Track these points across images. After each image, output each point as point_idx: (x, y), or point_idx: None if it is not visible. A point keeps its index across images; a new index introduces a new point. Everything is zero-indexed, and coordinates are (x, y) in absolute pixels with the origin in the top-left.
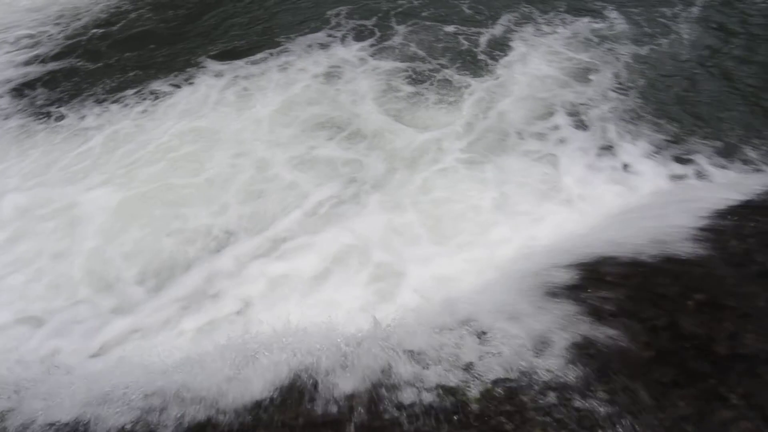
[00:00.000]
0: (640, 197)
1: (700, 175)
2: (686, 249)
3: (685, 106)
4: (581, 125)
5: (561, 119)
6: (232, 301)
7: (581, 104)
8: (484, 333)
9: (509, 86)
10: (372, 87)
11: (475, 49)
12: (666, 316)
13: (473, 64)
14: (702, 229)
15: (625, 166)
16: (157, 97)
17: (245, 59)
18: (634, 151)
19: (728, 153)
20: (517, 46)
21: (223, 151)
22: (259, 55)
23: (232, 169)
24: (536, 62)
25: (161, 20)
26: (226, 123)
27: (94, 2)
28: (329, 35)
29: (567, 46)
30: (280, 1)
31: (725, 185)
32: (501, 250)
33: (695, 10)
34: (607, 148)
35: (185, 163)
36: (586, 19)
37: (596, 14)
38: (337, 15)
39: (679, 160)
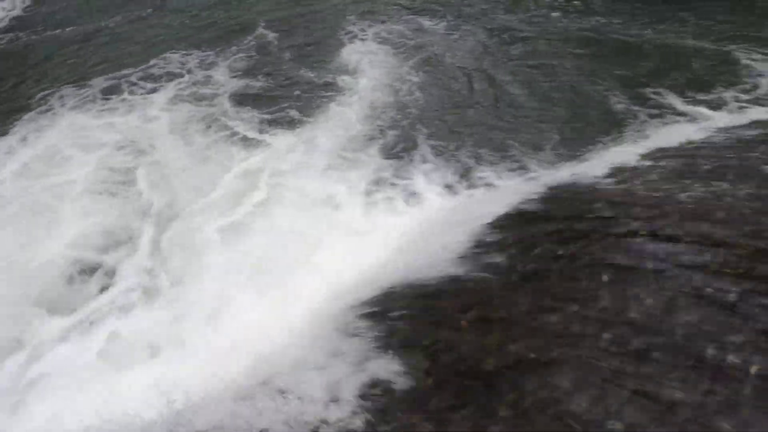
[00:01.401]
0: (426, 219)
1: (479, 187)
2: (460, 268)
3: (468, 117)
4: (366, 153)
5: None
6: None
7: (371, 130)
8: (281, 391)
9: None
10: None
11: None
12: (444, 339)
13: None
14: (473, 245)
15: (413, 189)
16: None
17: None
18: (420, 171)
19: (504, 162)
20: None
21: None
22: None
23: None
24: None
25: None
26: None
27: None
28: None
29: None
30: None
31: (495, 197)
32: (304, 294)
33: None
34: (397, 171)
35: None
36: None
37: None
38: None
39: (461, 174)
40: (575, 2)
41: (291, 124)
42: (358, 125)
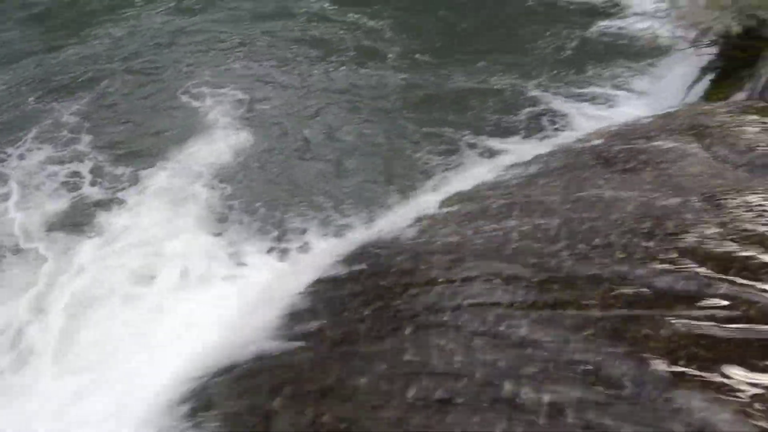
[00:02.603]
0: (247, 294)
1: (297, 253)
2: (275, 343)
3: (291, 175)
4: (193, 223)
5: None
6: None
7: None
8: None
9: None
10: None
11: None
12: (261, 423)
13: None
14: (287, 318)
15: (234, 262)
16: None
17: None
18: (242, 241)
19: (321, 224)
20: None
21: None
22: None
23: None
24: None
25: None
26: None
27: None
28: None
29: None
30: None
31: (309, 262)
32: (124, 401)
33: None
34: (220, 243)
35: None
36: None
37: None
38: None
39: (281, 241)
40: (400, 56)
41: (132, 184)
42: (191, 187)
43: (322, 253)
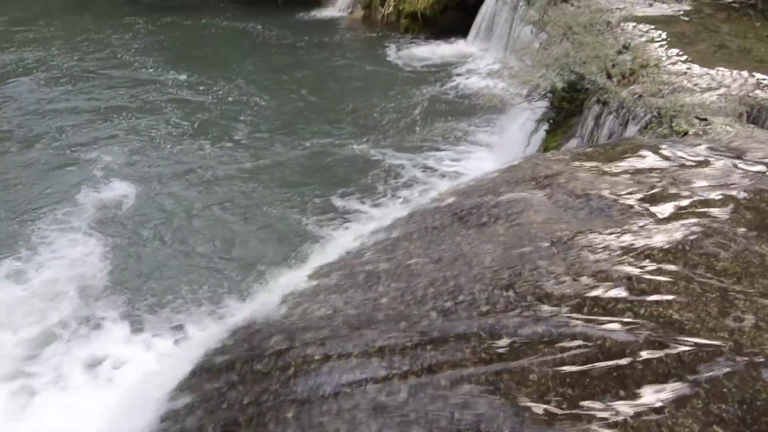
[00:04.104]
0: (119, 395)
1: (169, 346)
2: None
3: (158, 264)
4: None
5: None
6: None
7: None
8: None
9: None
10: None
11: None
12: None
13: None
14: (162, 419)
15: (104, 358)
16: None
17: None
18: (113, 338)
19: (193, 313)
20: None
21: None
22: None
23: None
24: None
25: None
26: None
27: None
28: None
29: None
30: None
31: (182, 355)
32: None
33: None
34: (87, 340)
35: None
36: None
37: None
38: None
39: (153, 333)
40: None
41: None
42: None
43: (195, 342)
